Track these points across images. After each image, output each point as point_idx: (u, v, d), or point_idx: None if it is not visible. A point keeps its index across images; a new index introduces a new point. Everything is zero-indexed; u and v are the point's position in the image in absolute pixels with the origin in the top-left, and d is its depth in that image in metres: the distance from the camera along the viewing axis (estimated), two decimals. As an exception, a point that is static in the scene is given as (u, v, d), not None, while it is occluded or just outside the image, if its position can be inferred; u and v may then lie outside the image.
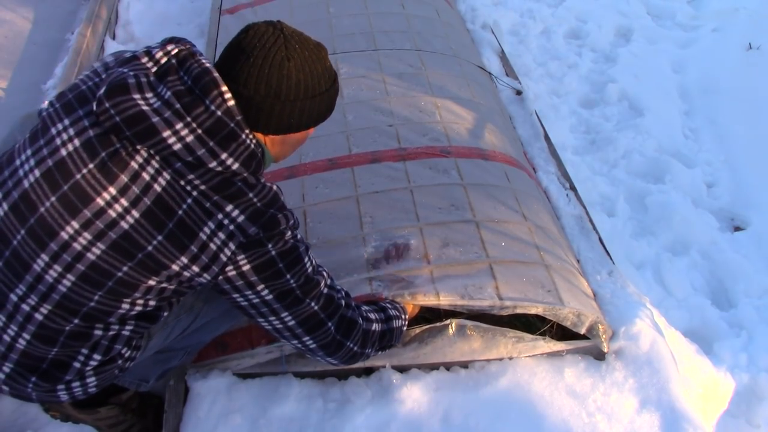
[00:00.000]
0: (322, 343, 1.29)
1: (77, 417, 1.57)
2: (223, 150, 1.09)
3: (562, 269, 1.76)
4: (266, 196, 1.17)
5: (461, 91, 2.34)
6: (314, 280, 1.25)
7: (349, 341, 1.33)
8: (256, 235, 1.14)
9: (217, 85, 1.09)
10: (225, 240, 1.12)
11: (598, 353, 1.69)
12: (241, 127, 1.11)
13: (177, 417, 1.53)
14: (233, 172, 1.11)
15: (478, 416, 1.53)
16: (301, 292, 1.22)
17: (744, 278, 2.27)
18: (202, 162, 1.08)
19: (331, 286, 1.30)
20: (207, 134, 1.08)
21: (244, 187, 1.13)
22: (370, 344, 1.39)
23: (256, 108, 1.12)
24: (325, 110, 1.22)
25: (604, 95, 3.17)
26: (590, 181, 2.62)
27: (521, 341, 1.63)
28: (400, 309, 1.52)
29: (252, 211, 1.13)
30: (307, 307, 1.24)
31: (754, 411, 1.82)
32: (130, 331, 1.23)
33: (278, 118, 1.15)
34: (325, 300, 1.27)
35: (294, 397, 1.55)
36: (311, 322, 1.26)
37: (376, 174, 1.90)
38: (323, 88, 1.17)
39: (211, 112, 1.08)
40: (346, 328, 1.31)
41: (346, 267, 1.65)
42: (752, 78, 3.25)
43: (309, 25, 2.61)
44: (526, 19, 3.70)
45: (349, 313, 1.32)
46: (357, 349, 1.35)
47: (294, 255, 1.20)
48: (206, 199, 1.10)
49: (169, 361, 1.50)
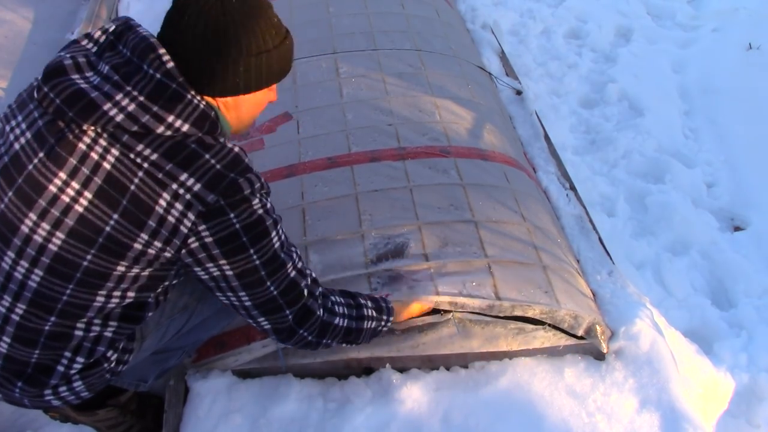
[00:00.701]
0: (276, 327, 1.25)
1: (76, 418, 1.57)
2: (168, 112, 1.05)
3: (561, 270, 1.76)
4: (226, 157, 1.10)
5: (461, 91, 2.34)
6: (280, 259, 1.19)
7: (303, 330, 1.27)
8: (216, 203, 1.08)
9: (154, 49, 1.05)
10: (183, 211, 1.07)
11: (598, 353, 1.69)
12: (186, 88, 1.07)
13: (177, 417, 1.53)
14: (184, 134, 1.07)
15: (478, 416, 1.52)
16: (265, 272, 1.17)
17: (744, 278, 2.27)
18: (149, 129, 1.04)
19: (299, 270, 1.24)
20: (149, 99, 1.04)
21: (199, 149, 1.08)
22: (330, 337, 1.33)
23: (197, 68, 1.08)
24: (276, 69, 1.15)
25: (604, 95, 3.17)
26: (590, 181, 2.62)
27: (521, 333, 1.63)
28: (384, 310, 1.45)
29: (210, 177, 1.07)
30: (266, 291, 1.19)
31: (754, 411, 1.82)
32: (113, 333, 1.21)
33: (221, 78, 1.09)
34: (287, 285, 1.21)
35: (294, 397, 1.55)
36: (269, 306, 1.21)
37: (375, 173, 1.90)
38: (269, 45, 1.10)
39: (150, 76, 1.05)
40: (302, 317, 1.25)
41: (345, 263, 1.65)
42: (752, 78, 3.25)
43: (309, 25, 2.62)
44: (526, 19, 3.70)
45: (310, 302, 1.26)
46: (312, 338, 1.30)
47: (260, 228, 1.14)
48: (158, 169, 1.05)
49: (166, 361, 1.50)
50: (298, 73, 2.36)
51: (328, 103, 2.19)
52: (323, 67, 2.37)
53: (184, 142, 1.07)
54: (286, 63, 1.17)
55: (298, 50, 2.45)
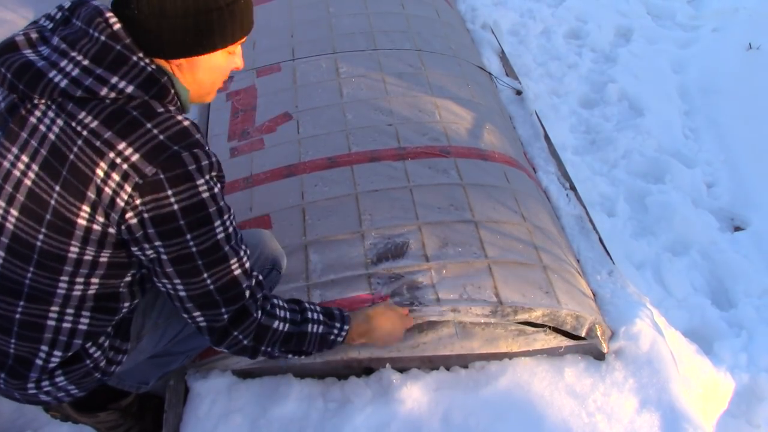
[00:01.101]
0: (210, 325, 1.18)
1: (77, 418, 1.57)
2: (112, 74, 1.02)
3: (561, 270, 1.76)
4: (171, 128, 1.04)
5: (461, 91, 2.34)
6: (222, 252, 1.11)
7: (237, 332, 1.20)
8: (155, 176, 1.01)
9: (101, 14, 1.04)
10: (120, 182, 1.02)
11: (598, 353, 1.69)
12: (131, 50, 1.04)
13: (177, 417, 1.52)
14: (129, 96, 1.03)
15: (478, 416, 1.52)
16: (202, 263, 1.09)
17: (744, 278, 2.27)
18: (93, 92, 1.01)
19: (245, 269, 1.17)
20: (94, 62, 1.02)
21: (140, 117, 1.03)
22: (269, 343, 1.26)
23: (144, 29, 1.04)
24: (230, 28, 1.10)
25: (604, 95, 3.17)
26: (590, 181, 2.62)
27: (522, 335, 1.63)
28: (336, 317, 1.38)
29: (151, 147, 1.02)
30: (202, 283, 1.12)
31: (754, 411, 1.82)
32: (89, 325, 1.18)
33: (170, 38, 1.05)
34: (227, 282, 1.14)
35: (294, 397, 1.55)
36: (204, 300, 1.14)
37: (375, 173, 1.90)
38: (220, 2, 1.06)
39: (96, 39, 1.03)
40: (237, 317, 1.19)
41: (345, 263, 1.65)
42: (752, 78, 3.25)
43: (309, 25, 2.62)
44: (526, 19, 3.70)
45: (249, 302, 1.19)
46: (247, 342, 1.23)
47: (201, 213, 1.07)
48: (96, 137, 1.02)
49: (168, 365, 1.50)
50: (298, 73, 2.36)
51: (328, 103, 2.19)
52: (323, 67, 2.37)
53: (125, 109, 1.03)
54: (242, 23, 1.12)
55: (298, 50, 2.47)
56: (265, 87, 2.33)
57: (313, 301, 1.38)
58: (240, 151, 2.07)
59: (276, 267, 1.48)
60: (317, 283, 1.62)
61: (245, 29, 1.14)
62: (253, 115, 2.21)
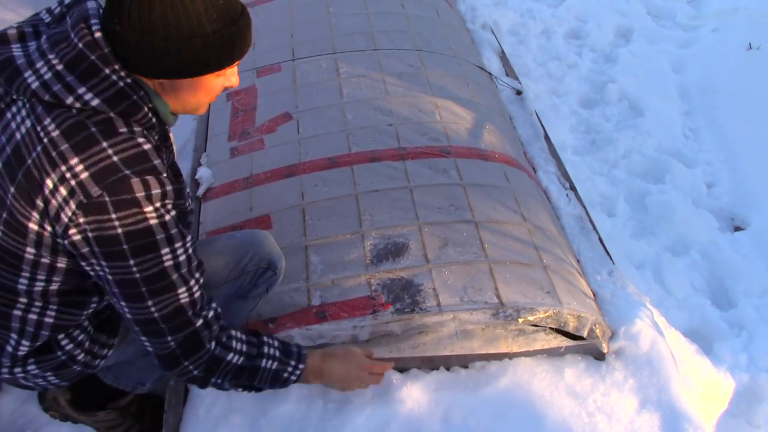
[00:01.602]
0: (157, 352, 1.15)
1: (76, 418, 1.57)
2: (81, 84, 0.99)
3: (561, 270, 1.76)
4: (126, 150, 1.01)
5: (461, 91, 2.34)
6: (168, 280, 1.07)
7: (188, 362, 1.16)
8: (100, 198, 0.99)
9: (86, 19, 1.01)
10: (66, 197, 1.00)
11: (598, 353, 1.69)
12: (106, 62, 1.00)
13: (177, 417, 1.52)
14: (93, 110, 1.00)
15: (478, 416, 1.52)
16: (146, 289, 1.06)
17: (744, 278, 2.27)
18: (60, 99, 0.99)
19: (193, 298, 1.12)
20: (67, 68, 1.00)
21: (98, 135, 1.00)
22: (220, 374, 1.22)
23: (124, 43, 1.00)
24: (215, 55, 1.04)
25: (604, 95, 3.17)
26: (590, 181, 2.62)
27: (522, 335, 1.63)
28: (293, 355, 1.33)
29: (101, 168, 0.99)
30: (146, 310, 1.09)
31: (754, 411, 1.82)
32: (55, 318, 1.18)
33: (149, 58, 1.01)
34: (172, 311, 1.10)
35: (294, 397, 1.54)
36: (149, 327, 1.11)
37: (375, 173, 1.90)
38: (206, 29, 1.00)
39: (74, 44, 1.00)
40: (190, 347, 1.15)
41: (345, 264, 1.65)
42: (752, 78, 3.25)
43: (309, 25, 2.62)
44: (526, 19, 3.70)
45: (203, 333, 1.15)
46: (198, 373, 1.19)
47: (146, 240, 1.03)
48: (54, 147, 0.99)
49: None
50: (298, 73, 2.36)
51: (328, 103, 2.19)
52: (323, 67, 2.37)
53: (85, 124, 1.00)
54: (232, 50, 1.06)
55: (298, 50, 2.47)
56: (265, 87, 2.33)
57: (274, 336, 1.33)
58: (240, 151, 2.07)
59: (272, 267, 1.47)
60: (317, 283, 1.62)
61: (236, 55, 1.08)
62: (253, 115, 2.21)
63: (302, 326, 1.53)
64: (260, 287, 1.47)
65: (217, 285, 1.40)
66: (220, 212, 1.88)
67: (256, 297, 1.49)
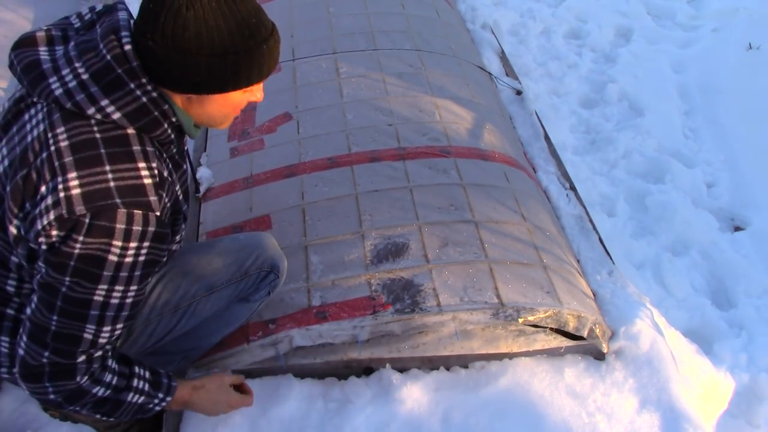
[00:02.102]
0: (27, 361, 1.09)
1: (76, 417, 1.57)
2: (105, 96, 1.00)
3: (561, 270, 1.76)
4: (126, 179, 1.00)
5: (461, 91, 2.34)
6: (86, 311, 1.04)
7: (50, 385, 1.10)
8: (82, 217, 0.98)
9: (116, 31, 1.01)
10: (49, 206, 0.98)
11: (598, 353, 1.69)
12: (133, 76, 1.01)
13: (177, 417, 1.52)
14: (113, 123, 1.01)
15: (478, 416, 1.52)
16: (61, 305, 1.03)
17: (744, 278, 2.27)
18: (81, 108, 1.00)
19: (96, 339, 1.08)
20: (92, 78, 1.00)
21: (104, 158, 1.00)
22: (80, 404, 1.15)
23: (155, 58, 1.01)
24: (246, 72, 1.05)
25: (604, 95, 3.17)
26: (590, 181, 2.62)
27: (522, 335, 1.63)
28: (162, 386, 1.26)
29: (94, 190, 0.98)
30: (47, 319, 1.05)
31: (754, 411, 1.82)
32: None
33: (180, 73, 1.02)
34: (68, 336, 1.06)
35: (294, 397, 1.55)
36: (37, 331, 1.07)
37: (375, 173, 1.90)
38: (237, 47, 1.02)
39: (102, 55, 1.00)
40: (59, 372, 1.09)
41: (345, 264, 1.65)
42: (752, 78, 3.25)
43: (309, 25, 2.62)
44: (526, 19, 3.70)
45: (80, 367, 1.10)
46: (55, 398, 1.12)
47: (94, 269, 1.01)
48: (59, 157, 0.99)
49: (164, 365, 1.47)
50: (298, 73, 2.36)
51: (328, 103, 2.19)
52: (323, 67, 2.37)
53: (97, 142, 1.00)
54: (261, 67, 1.07)
55: (298, 50, 2.47)
56: (265, 87, 2.32)
57: (144, 365, 1.25)
58: (240, 151, 2.07)
59: (274, 271, 1.46)
60: (317, 283, 1.62)
61: (265, 73, 1.09)
62: (253, 115, 2.21)
63: (302, 326, 1.53)
64: (262, 290, 1.47)
65: (218, 288, 1.40)
66: (220, 212, 1.88)
67: (258, 300, 1.49)
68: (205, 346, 1.52)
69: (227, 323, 1.48)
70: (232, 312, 1.47)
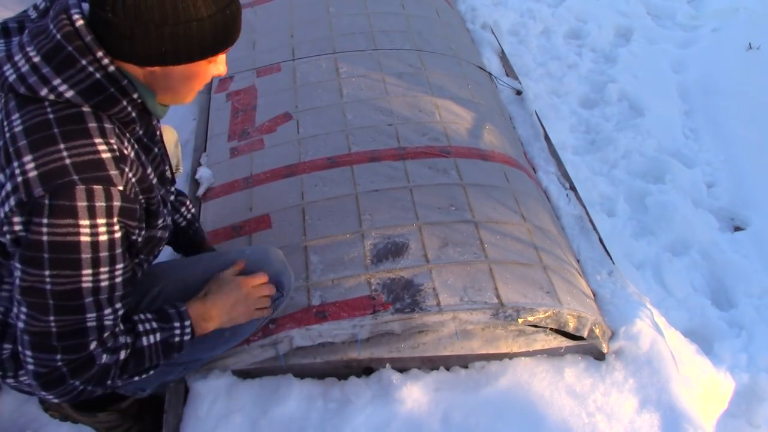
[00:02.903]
0: (39, 370, 1.05)
1: (76, 418, 1.57)
2: (57, 75, 0.97)
3: (561, 270, 1.76)
4: (82, 155, 0.97)
5: (461, 91, 2.34)
6: (80, 302, 1.01)
7: (76, 380, 1.08)
8: (41, 198, 0.94)
9: (66, 9, 0.99)
10: (9, 192, 0.96)
11: (598, 353, 1.69)
12: (85, 52, 0.98)
13: (177, 417, 1.52)
14: (67, 102, 0.98)
15: (478, 416, 1.52)
16: (53, 303, 1.00)
17: (744, 278, 2.27)
18: (34, 90, 0.97)
19: (101, 323, 1.05)
20: (44, 60, 0.97)
21: (58, 136, 0.96)
22: (110, 379, 1.13)
23: (116, 32, 0.97)
24: (211, 40, 1.02)
25: (604, 95, 3.17)
26: (590, 181, 2.62)
27: (522, 335, 1.63)
28: (172, 317, 1.22)
29: (51, 169, 0.95)
30: (44, 324, 1.01)
31: (754, 411, 1.82)
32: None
33: (143, 45, 0.98)
34: (73, 332, 1.03)
35: (294, 397, 1.54)
36: (40, 340, 1.03)
37: (375, 173, 1.90)
38: (202, 13, 0.99)
39: (52, 36, 0.98)
40: (80, 366, 1.07)
41: (345, 264, 1.65)
42: (752, 78, 3.25)
43: (309, 25, 2.62)
44: (526, 19, 3.70)
45: (96, 351, 1.07)
46: (82, 386, 1.10)
47: (70, 256, 0.97)
48: (13, 143, 0.97)
49: (165, 374, 1.47)
50: (298, 73, 2.36)
51: (328, 103, 2.19)
52: (323, 67, 2.37)
53: (50, 122, 0.97)
54: (225, 35, 1.05)
55: (298, 50, 2.47)
56: (265, 87, 2.33)
57: (143, 311, 1.22)
58: (240, 151, 2.07)
59: (279, 288, 1.44)
60: (317, 283, 1.62)
61: (229, 41, 1.07)
62: (253, 115, 2.21)
63: (302, 326, 1.53)
64: None
65: None
66: (220, 212, 1.88)
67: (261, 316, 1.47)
68: (205, 359, 1.51)
69: (227, 339, 1.45)
70: (233, 328, 1.43)
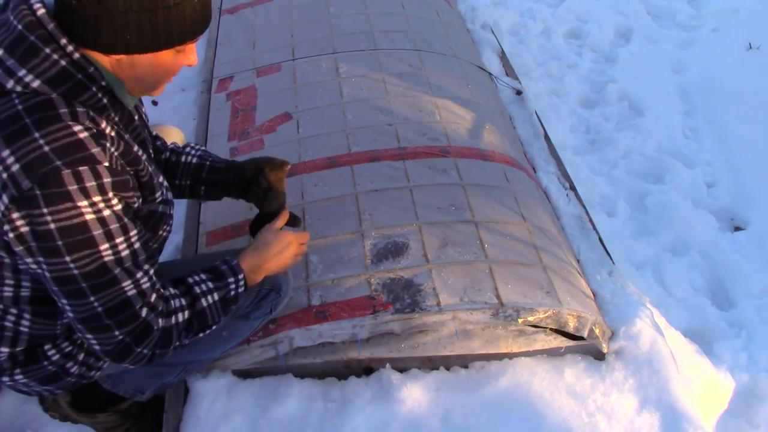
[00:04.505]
0: (104, 348, 1.09)
1: (76, 418, 1.57)
2: (21, 66, 0.96)
3: (561, 270, 1.76)
4: (60, 140, 0.95)
5: (461, 91, 2.34)
6: (110, 275, 1.02)
7: (142, 347, 1.11)
8: (30, 191, 0.94)
9: (26, 0, 0.98)
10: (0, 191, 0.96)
11: (598, 353, 1.69)
12: (48, 40, 0.97)
13: (177, 417, 1.52)
14: (34, 92, 0.97)
15: (478, 416, 1.52)
16: (86, 285, 1.01)
17: (744, 278, 2.27)
18: (1, 84, 0.96)
19: (142, 290, 1.07)
20: (7, 52, 0.96)
21: (31, 126, 0.95)
22: (176, 340, 1.17)
23: (81, 19, 0.96)
24: (177, 28, 1.01)
25: (604, 95, 3.17)
26: (590, 181, 2.62)
27: (522, 335, 1.63)
28: (225, 273, 1.24)
29: (32, 159, 0.94)
30: (89, 306, 1.03)
31: (754, 411, 1.82)
32: (30, 327, 1.17)
33: (108, 32, 0.97)
34: (117, 304, 1.05)
35: (294, 397, 1.55)
36: (93, 323, 1.06)
37: (375, 173, 1.90)
38: (168, 1, 0.97)
39: (13, 27, 0.97)
40: (139, 334, 1.10)
41: (345, 263, 1.65)
42: (752, 78, 3.25)
43: (309, 25, 2.62)
44: (526, 19, 3.70)
45: (150, 317, 1.10)
46: (153, 351, 1.14)
47: (82, 236, 0.98)
48: None
49: (164, 375, 1.47)
50: (298, 73, 2.36)
51: (328, 103, 2.19)
52: (323, 67, 2.37)
53: (20, 114, 0.96)
54: (193, 24, 1.03)
55: (298, 50, 2.47)
56: (265, 87, 2.33)
57: (195, 272, 1.23)
58: (240, 151, 2.07)
59: (275, 289, 1.44)
60: (317, 283, 1.62)
61: (197, 30, 1.05)
62: (253, 115, 2.21)
63: (302, 326, 1.53)
64: (263, 308, 1.45)
65: None
66: (221, 212, 1.88)
67: (258, 318, 1.47)
68: (204, 360, 1.51)
69: (225, 340, 1.45)
70: (230, 329, 1.44)
